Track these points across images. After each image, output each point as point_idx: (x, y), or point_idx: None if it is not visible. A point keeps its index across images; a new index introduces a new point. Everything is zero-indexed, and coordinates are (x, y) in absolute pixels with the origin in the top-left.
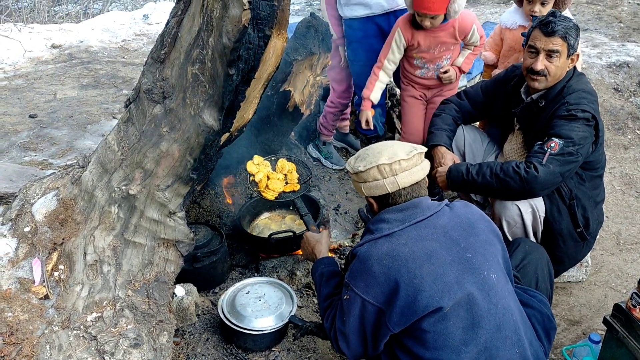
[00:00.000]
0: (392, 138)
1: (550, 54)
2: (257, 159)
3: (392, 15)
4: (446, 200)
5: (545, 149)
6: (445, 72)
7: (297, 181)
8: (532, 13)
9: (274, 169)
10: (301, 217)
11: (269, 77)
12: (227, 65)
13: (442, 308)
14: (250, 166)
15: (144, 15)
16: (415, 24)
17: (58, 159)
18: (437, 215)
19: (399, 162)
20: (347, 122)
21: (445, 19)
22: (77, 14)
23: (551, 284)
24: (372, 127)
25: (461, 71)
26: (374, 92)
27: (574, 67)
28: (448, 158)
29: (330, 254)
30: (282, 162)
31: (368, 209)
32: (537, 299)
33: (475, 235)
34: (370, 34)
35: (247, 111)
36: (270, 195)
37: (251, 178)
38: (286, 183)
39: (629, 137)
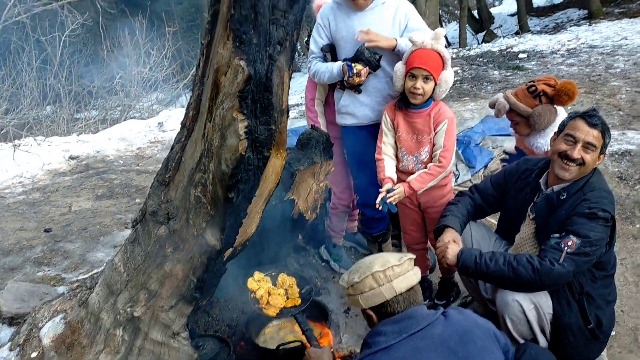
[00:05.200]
0: (399, 236)
1: (587, 146)
2: (257, 275)
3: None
4: (441, 309)
5: (562, 246)
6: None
7: (297, 295)
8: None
9: (274, 284)
10: (303, 332)
11: (270, 193)
12: (226, 190)
13: None
14: (251, 283)
15: (159, 123)
16: (399, 104)
17: (70, 273)
18: (432, 325)
19: (392, 268)
20: (356, 223)
21: (428, 102)
22: (95, 123)
23: None
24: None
25: (410, 188)
26: (386, 170)
27: None
28: (457, 238)
29: None
30: (283, 277)
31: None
32: None
33: (472, 342)
34: (362, 139)
35: (250, 226)
36: (272, 312)
37: (252, 295)
38: (287, 298)
39: (638, 226)
